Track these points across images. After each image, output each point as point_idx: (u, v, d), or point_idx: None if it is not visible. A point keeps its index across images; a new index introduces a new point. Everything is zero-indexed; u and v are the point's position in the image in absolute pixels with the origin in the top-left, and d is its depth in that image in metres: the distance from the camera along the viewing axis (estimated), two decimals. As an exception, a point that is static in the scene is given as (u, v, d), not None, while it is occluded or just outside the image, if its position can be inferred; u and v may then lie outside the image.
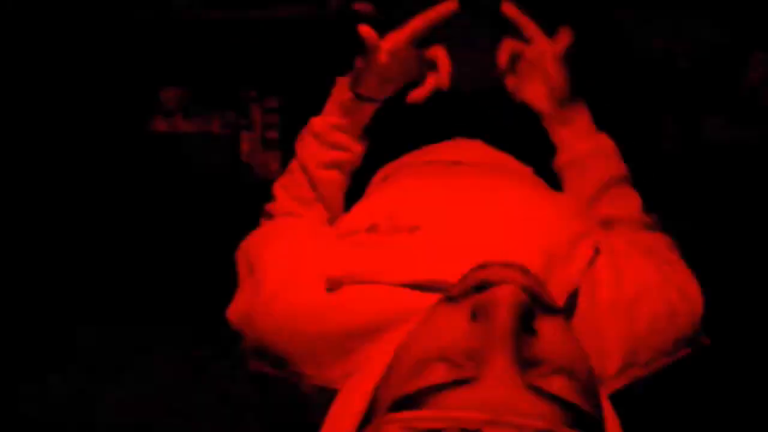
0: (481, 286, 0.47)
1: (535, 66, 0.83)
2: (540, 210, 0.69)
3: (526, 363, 0.42)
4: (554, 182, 0.87)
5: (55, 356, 1.33)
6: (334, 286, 0.61)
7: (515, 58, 0.84)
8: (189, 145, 1.57)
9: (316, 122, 0.83)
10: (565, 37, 0.82)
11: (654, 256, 0.68)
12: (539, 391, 0.41)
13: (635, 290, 0.62)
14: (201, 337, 1.24)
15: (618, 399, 0.56)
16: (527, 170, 0.86)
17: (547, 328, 0.46)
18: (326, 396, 0.56)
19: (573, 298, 0.60)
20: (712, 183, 1.07)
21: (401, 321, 0.57)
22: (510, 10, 0.82)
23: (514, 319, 0.43)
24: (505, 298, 0.44)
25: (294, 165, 0.85)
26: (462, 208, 0.68)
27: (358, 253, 0.64)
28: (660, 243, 0.73)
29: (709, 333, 0.64)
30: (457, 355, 0.43)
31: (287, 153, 1.27)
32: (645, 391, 0.60)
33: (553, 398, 0.41)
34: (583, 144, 0.82)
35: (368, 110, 0.82)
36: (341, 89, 0.82)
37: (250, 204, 1.29)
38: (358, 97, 0.80)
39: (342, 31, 1.18)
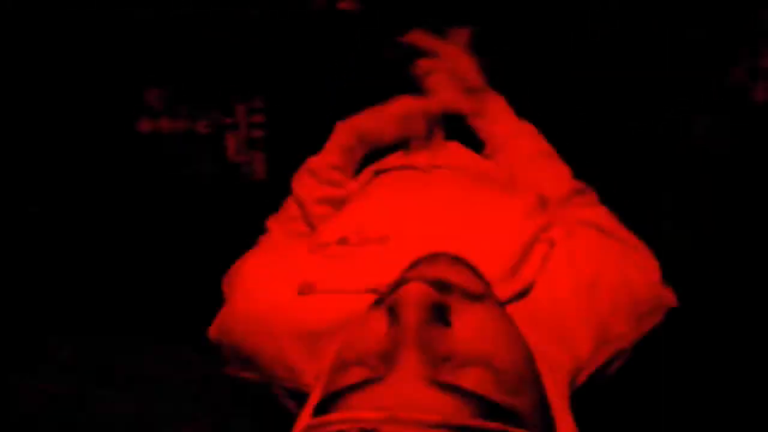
0: (397, 286, 0.47)
1: (447, 70, 0.92)
2: (505, 212, 0.70)
3: (436, 358, 0.42)
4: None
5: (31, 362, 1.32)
6: (305, 290, 0.62)
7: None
8: (173, 145, 1.55)
9: (314, 161, 0.90)
10: (462, 33, 0.93)
11: (604, 234, 0.70)
12: (444, 386, 0.41)
13: (591, 273, 0.63)
14: (183, 340, 1.22)
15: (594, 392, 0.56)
16: (498, 170, 0.88)
17: (466, 318, 0.46)
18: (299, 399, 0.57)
19: (527, 291, 0.61)
20: (702, 182, 1.07)
21: None
22: (414, 39, 0.94)
23: (419, 316, 0.43)
24: (409, 296, 0.44)
25: (289, 201, 0.90)
26: (430, 217, 0.69)
27: (329, 263, 0.65)
28: (604, 218, 0.75)
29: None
30: (371, 356, 0.44)
31: (273, 153, 1.26)
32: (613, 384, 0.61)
33: (459, 391, 0.40)
34: (502, 127, 0.88)
35: (362, 153, 0.91)
36: (340, 133, 0.90)
37: (236, 204, 1.28)
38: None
39: (326, 29, 1.17)
